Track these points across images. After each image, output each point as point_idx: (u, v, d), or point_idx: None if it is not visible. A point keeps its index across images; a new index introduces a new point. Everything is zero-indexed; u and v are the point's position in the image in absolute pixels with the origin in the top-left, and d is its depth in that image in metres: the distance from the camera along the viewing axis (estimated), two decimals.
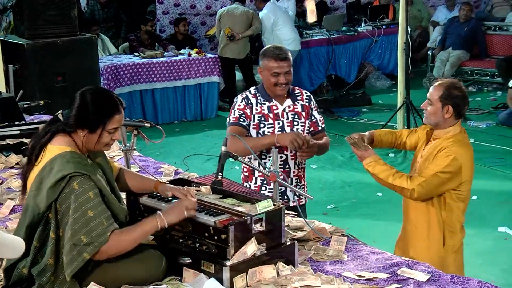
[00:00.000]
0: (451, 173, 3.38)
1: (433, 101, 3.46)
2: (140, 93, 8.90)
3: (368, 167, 3.47)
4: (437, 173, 3.36)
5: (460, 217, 3.56)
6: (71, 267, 2.52)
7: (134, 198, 2.97)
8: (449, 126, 3.49)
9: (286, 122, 3.80)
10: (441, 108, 3.44)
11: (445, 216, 3.50)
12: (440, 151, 3.42)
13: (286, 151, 3.77)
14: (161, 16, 10.70)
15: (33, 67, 6.68)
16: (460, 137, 3.49)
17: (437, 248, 3.54)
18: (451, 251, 3.57)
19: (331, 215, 5.85)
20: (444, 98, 3.44)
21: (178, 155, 7.58)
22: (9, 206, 3.65)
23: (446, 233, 3.53)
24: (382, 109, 9.40)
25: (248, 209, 2.75)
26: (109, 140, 2.71)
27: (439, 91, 3.46)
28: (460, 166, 3.40)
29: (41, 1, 6.74)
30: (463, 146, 3.46)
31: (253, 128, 3.77)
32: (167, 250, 2.74)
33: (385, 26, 11.09)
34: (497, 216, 5.82)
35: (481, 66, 10.75)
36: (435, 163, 3.39)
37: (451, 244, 3.56)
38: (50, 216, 2.59)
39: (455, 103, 3.44)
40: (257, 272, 2.63)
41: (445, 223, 3.52)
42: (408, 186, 3.37)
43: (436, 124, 3.51)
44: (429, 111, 3.48)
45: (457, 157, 3.38)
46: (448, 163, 3.36)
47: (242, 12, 9.33)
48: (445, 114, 3.45)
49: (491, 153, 7.42)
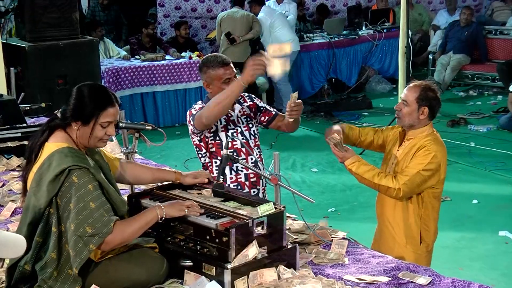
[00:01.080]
0: (432, 170, 3.44)
1: (409, 102, 3.51)
2: (141, 96, 8.90)
3: (352, 167, 3.49)
4: (420, 171, 3.41)
5: (436, 216, 3.63)
6: (79, 260, 2.54)
7: (136, 199, 2.98)
8: (423, 126, 3.53)
9: (243, 127, 3.76)
10: (417, 109, 3.49)
11: (422, 213, 3.56)
12: (418, 150, 3.47)
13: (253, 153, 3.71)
14: (162, 19, 10.71)
15: (34, 70, 6.69)
16: (435, 136, 3.55)
17: (414, 245, 3.59)
18: (425, 249, 3.63)
19: (331, 219, 5.84)
20: (420, 99, 3.49)
21: (178, 158, 7.58)
22: (11, 208, 3.66)
23: (422, 232, 3.59)
24: (383, 112, 9.41)
25: (250, 212, 2.76)
26: (102, 135, 2.72)
27: (416, 93, 3.51)
28: (439, 163, 3.47)
29: (43, 4, 6.75)
30: (440, 144, 3.52)
31: (222, 131, 3.71)
32: (168, 253, 2.75)
33: (385, 29, 11.10)
34: (498, 220, 5.82)
35: (481, 70, 10.76)
36: (416, 161, 3.44)
37: (426, 243, 3.62)
38: (51, 211, 2.61)
39: (431, 104, 3.50)
40: (258, 275, 2.64)
41: (422, 221, 3.57)
42: (394, 185, 3.40)
43: (410, 126, 3.55)
44: (404, 112, 3.53)
45: (437, 155, 3.44)
46: (429, 161, 3.42)
47: (242, 16, 9.34)
48: (420, 115, 3.50)
49: (491, 157, 7.42)
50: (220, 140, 3.71)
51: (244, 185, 3.73)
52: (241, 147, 3.72)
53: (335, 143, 3.46)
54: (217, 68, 3.65)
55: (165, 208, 2.71)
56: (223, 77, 3.63)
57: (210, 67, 3.66)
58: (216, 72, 3.64)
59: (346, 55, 10.70)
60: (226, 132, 3.71)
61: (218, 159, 3.69)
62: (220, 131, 3.72)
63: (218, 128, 3.71)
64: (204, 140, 3.73)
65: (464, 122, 8.83)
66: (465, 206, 6.08)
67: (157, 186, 3.15)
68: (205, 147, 3.73)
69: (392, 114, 8.43)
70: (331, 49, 10.46)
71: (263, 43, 9.62)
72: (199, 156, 3.80)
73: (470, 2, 13.41)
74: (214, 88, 3.67)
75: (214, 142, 3.72)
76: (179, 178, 3.10)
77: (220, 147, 3.69)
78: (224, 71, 3.64)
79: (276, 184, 3.08)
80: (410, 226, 3.57)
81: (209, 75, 3.67)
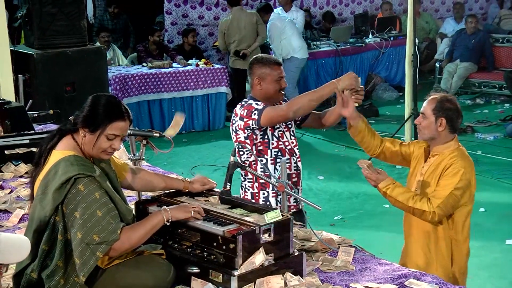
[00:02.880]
0: (463, 188, 3.35)
1: (427, 115, 3.46)
2: (148, 103, 8.93)
3: (386, 190, 3.38)
4: (452, 191, 3.32)
5: (467, 235, 3.51)
6: (86, 268, 2.55)
7: (143, 206, 2.99)
8: (446, 141, 3.46)
9: (283, 128, 3.84)
10: (435, 121, 3.43)
11: (453, 235, 3.46)
12: (446, 168, 3.38)
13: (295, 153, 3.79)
14: (169, 26, 10.75)
15: (42, 77, 6.72)
16: (461, 151, 3.46)
17: (444, 268, 3.47)
18: (457, 272, 3.50)
19: (338, 226, 5.84)
20: (437, 110, 3.43)
21: (185, 165, 7.60)
22: (18, 215, 3.67)
23: (454, 254, 3.47)
24: (389, 120, 9.41)
25: (257, 219, 2.76)
26: (107, 147, 2.72)
27: (432, 104, 3.46)
28: (469, 180, 3.38)
29: (51, 11, 6.79)
30: (466, 159, 3.43)
31: (270, 130, 3.78)
32: (175, 259, 2.75)
33: (392, 37, 11.11)
34: (505, 228, 5.80)
35: (488, 78, 10.74)
36: (446, 182, 3.34)
37: (459, 266, 3.50)
38: (57, 219, 2.62)
39: (448, 115, 3.43)
40: (265, 282, 2.64)
41: (453, 243, 3.46)
42: (429, 209, 3.29)
43: (431, 139, 3.47)
44: (423, 125, 3.47)
45: (465, 171, 3.36)
46: (459, 179, 3.33)
47: (247, 23, 9.24)
48: (439, 127, 3.42)
49: (498, 165, 7.40)
50: (268, 139, 3.78)
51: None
52: (285, 147, 3.80)
53: (367, 165, 3.40)
54: (272, 66, 3.79)
55: (170, 211, 2.73)
56: (278, 75, 3.77)
57: (266, 64, 3.80)
58: (272, 70, 3.78)
59: (353, 63, 10.72)
60: (273, 132, 3.79)
61: (265, 158, 3.78)
62: (269, 130, 3.79)
63: (267, 127, 3.77)
64: (252, 137, 3.78)
65: (471, 130, 8.82)
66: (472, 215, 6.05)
67: (164, 193, 3.16)
68: (250, 145, 3.78)
69: (398, 122, 8.43)
70: (338, 57, 10.47)
71: (273, 49, 9.63)
72: (240, 154, 3.83)
73: (476, 10, 13.41)
74: (265, 85, 3.79)
75: (262, 140, 3.79)
76: (188, 187, 3.11)
77: (267, 146, 3.78)
78: (280, 70, 3.79)
79: (283, 191, 3.08)
80: (440, 248, 3.46)
81: (264, 72, 3.79)
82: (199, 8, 10.83)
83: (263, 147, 3.80)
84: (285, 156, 3.79)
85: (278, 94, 3.80)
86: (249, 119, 3.73)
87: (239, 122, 3.78)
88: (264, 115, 3.67)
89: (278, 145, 3.80)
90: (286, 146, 3.81)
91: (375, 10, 12.58)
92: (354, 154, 8.00)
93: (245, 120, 3.74)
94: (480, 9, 13.65)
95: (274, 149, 3.79)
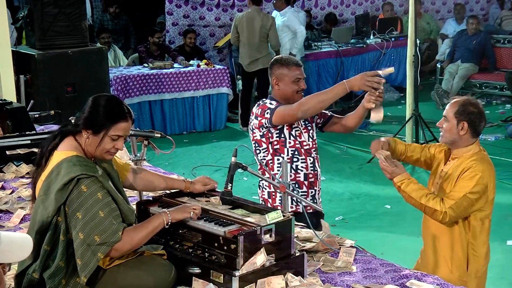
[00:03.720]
0: (479, 193, 3.32)
1: (449, 118, 3.41)
2: (149, 104, 8.93)
3: (401, 184, 3.35)
4: (467, 194, 3.29)
5: (485, 239, 3.47)
6: (87, 269, 2.55)
7: (144, 206, 2.99)
8: (467, 145, 3.42)
9: (302, 129, 3.84)
10: (456, 124, 3.38)
11: (470, 238, 3.42)
12: (463, 171, 3.34)
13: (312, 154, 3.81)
14: (170, 27, 10.75)
15: (43, 78, 6.73)
16: (481, 155, 3.42)
17: (460, 271, 3.44)
18: (474, 276, 3.46)
19: (339, 227, 5.84)
20: (459, 114, 3.39)
21: (186, 166, 7.60)
22: (20, 216, 3.67)
23: (470, 257, 3.44)
24: (391, 121, 9.40)
25: (258, 220, 2.76)
26: (110, 147, 2.73)
27: (454, 108, 3.41)
28: (486, 185, 3.34)
29: (52, 12, 6.80)
30: (487, 164, 3.40)
31: (287, 129, 3.80)
32: (176, 260, 2.75)
33: (393, 38, 11.11)
34: (506, 229, 5.80)
35: (490, 79, 10.73)
36: (462, 184, 3.32)
37: (475, 269, 3.46)
38: (59, 220, 2.62)
39: (470, 119, 3.38)
40: (266, 282, 2.64)
41: (469, 247, 3.43)
42: (441, 208, 3.27)
43: (453, 143, 3.44)
44: (445, 128, 3.42)
45: (483, 176, 3.32)
46: (475, 183, 3.30)
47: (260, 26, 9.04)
48: (460, 131, 3.38)
49: (500, 166, 7.38)
50: (285, 138, 3.80)
51: (303, 185, 3.80)
52: (301, 147, 3.81)
53: (385, 156, 3.36)
54: (292, 67, 3.80)
55: (170, 214, 2.74)
56: (296, 77, 3.80)
57: (285, 65, 3.82)
58: (290, 71, 3.80)
59: (354, 64, 10.72)
60: (290, 131, 3.80)
61: (281, 157, 3.80)
62: (286, 129, 3.80)
63: (284, 126, 3.79)
64: (267, 135, 3.80)
65: None
66: None
67: (165, 194, 3.16)
68: (266, 143, 3.81)
69: (400, 123, 8.43)
70: (339, 57, 10.47)
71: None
72: (257, 152, 3.85)
73: (477, 11, 13.40)
74: (282, 85, 3.82)
75: (279, 139, 3.81)
76: (189, 187, 3.12)
77: (284, 145, 3.80)
78: (298, 71, 3.81)
79: (285, 192, 3.08)
80: (456, 251, 3.43)
81: (282, 73, 3.81)
82: (200, 9, 10.83)
83: (279, 145, 3.81)
84: (301, 156, 3.81)
85: (296, 95, 3.79)
86: (262, 118, 3.76)
87: (254, 121, 3.83)
88: (275, 113, 3.70)
89: (295, 144, 3.81)
90: (303, 146, 3.82)
91: (376, 11, 12.57)
92: (355, 155, 8.00)
93: (259, 119, 3.78)
94: (481, 10, 13.64)
95: (291, 148, 3.80)
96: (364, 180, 7.07)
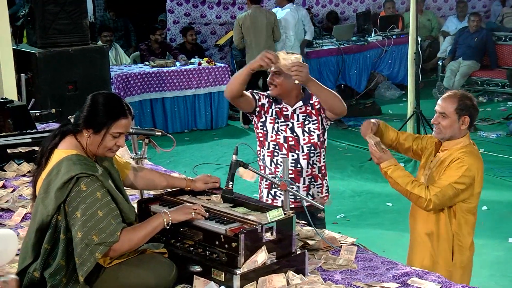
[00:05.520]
0: (465, 184, 3.35)
1: (448, 114, 3.41)
2: (151, 102, 8.93)
3: (387, 170, 3.39)
4: (452, 183, 3.32)
5: (470, 231, 3.52)
6: (85, 268, 2.55)
7: (145, 205, 2.99)
8: (460, 137, 3.46)
9: (296, 123, 3.82)
10: (457, 119, 3.40)
11: (455, 228, 3.47)
12: (452, 162, 3.38)
13: (298, 150, 3.79)
14: (171, 25, 10.74)
15: (44, 76, 6.72)
16: (471, 148, 3.46)
17: (445, 262, 3.49)
18: (459, 266, 3.52)
19: (340, 225, 5.84)
20: (460, 109, 3.40)
21: (187, 164, 7.60)
22: (21, 214, 3.67)
23: (455, 247, 3.49)
24: (392, 119, 9.40)
25: (259, 218, 2.76)
26: (112, 145, 2.73)
27: (454, 103, 3.41)
28: (473, 178, 3.38)
29: (53, 10, 6.80)
30: (475, 158, 3.43)
31: (270, 122, 3.82)
32: (177, 258, 2.75)
33: (395, 36, 11.09)
34: (508, 226, 5.80)
35: (491, 76, 10.72)
36: (449, 174, 3.36)
37: (460, 260, 3.51)
38: (59, 218, 2.62)
39: (471, 113, 3.42)
40: (267, 280, 2.64)
41: (454, 237, 3.48)
42: (425, 195, 3.32)
43: (451, 137, 3.46)
44: (444, 125, 3.43)
45: (470, 168, 3.35)
46: (462, 174, 3.33)
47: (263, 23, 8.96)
48: (461, 126, 3.41)
49: (501, 163, 7.39)
50: (267, 131, 3.83)
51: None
52: (284, 142, 3.80)
53: (375, 142, 3.40)
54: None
55: (171, 214, 2.73)
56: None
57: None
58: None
59: (355, 61, 10.71)
60: (273, 125, 3.82)
61: (264, 149, 3.85)
62: (269, 122, 3.83)
63: (267, 119, 3.82)
64: (255, 125, 3.88)
65: (474, 128, 8.76)
66: None
67: (167, 192, 3.16)
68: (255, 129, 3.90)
69: (401, 120, 8.43)
70: (340, 55, 10.46)
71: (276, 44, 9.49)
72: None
73: (479, 8, 13.38)
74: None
75: (262, 131, 3.85)
76: (190, 185, 3.12)
77: (266, 138, 3.83)
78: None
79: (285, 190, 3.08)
80: (441, 241, 3.48)
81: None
82: (201, 7, 10.82)
83: (263, 138, 3.85)
84: (282, 151, 3.80)
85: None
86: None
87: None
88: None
89: (277, 139, 3.81)
90: (287, 142, 3.80)
91: (378, 8, 12.55)
92: (357, 153, 8.00)
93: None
94: (483, 7, 13.62)
95: (272, 142, 3.82)
96: (365, 178, 7.06)
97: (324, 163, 3.98)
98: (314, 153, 3.86)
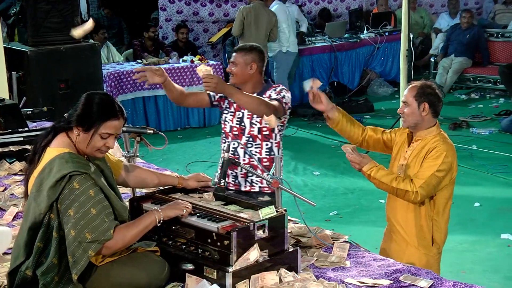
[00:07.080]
0: (445, 171, 3.46)
1: (409, 102, 3.55)
2: (143, 100, 8.90)
3: (370, 172, 3.49)
4: (434, 173, 3.42)
5: (446, 217, 3.62)
6: (78, 267, 2.55)
7: (137, 203, 2.99)
8: (429, 126, 3.56)
9: (246, 113, 3.96)
10: (418, 106, 3.52)
11: (434, 215, 3.56)
12: (429, 151, 3.48)
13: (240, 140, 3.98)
14: (164, 23, 10.72)
15: (36, 74, 6.70)
16: (443, 136, 3.57)
17: (426, 247, 3.58)
18: (436, 251, 3.62)
19: (333, 222, 5.85)
20: (419, 96, 3.53)
21: (180, 162, 7.59)
22: (12, 213, 3.66)
23: (434, 233, 3.59)
24: (385, 116, 9.41)
25: (251, 216, 2.76)
26: (101, 145, 2.71)
27: (413, 91, 3.56)
28: (451, 163, 3.48)
29: (45, 8, 6.77)
30: (449, 144, 3.54)
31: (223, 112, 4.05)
32: (169, 256, 2.75)
33: (387, 33, 11.10)
34: (500, 223, 5.81)
35: (483, 73, 10.75)
36: (429, 164, 3.45)
37: (438, 245, 3.61)
38: (52, 217, 2.61)
39: (430, 99, 3.53)
40: (259, 278, 2.64)
41: (434, 223, 3.57)
42: (411, 189, 3.40)
43: (416, 125, 3.56)
44: (406, 113, 3.56)
45: (447, 154, 3.46)
46: (441, 161, 3.43)
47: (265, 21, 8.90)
48: (422, 112, 3.51)
49: (493, 160, 7.41)
50: (224, 121, 4.06)
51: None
52: (229, 131, 3.99)
53: (351, 148, 3.52)
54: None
55: (162, 211, 2.74)
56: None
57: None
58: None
59: (348, 59, 10.71)
60: (221, 115, 4.07)
61: (223, 138, 4.06)
62: (223, 112, 4.06)
63: (223, 109, 4.05)
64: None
65: (466, 125, 8.83)
66: (467, 209, 6.07)
67: (159, 190, 3.16)
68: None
69: (394, 117, 8.43)
70: (332, 52, 10.46)
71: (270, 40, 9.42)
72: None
73: (472, 5, 13.41)
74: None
75: (222, 121, 4.08)
76: (182, 183, 3.13)
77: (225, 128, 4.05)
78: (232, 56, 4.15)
79: (278, 187, 3.08)
80: (422, 228, 3.56)
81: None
82: (193, 4, 10.80)
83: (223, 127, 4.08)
84: (228, 139, 3.99)
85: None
86: None
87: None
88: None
89: (224, 128, 4.04)
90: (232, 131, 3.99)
91: (370, 5, 12.56)
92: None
93: None
94: (476, 4, 13.65)
95: (222, 130, 4.06)
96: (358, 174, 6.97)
97: (268, 156, 4.01)
98: (252, 144, 3.98)
